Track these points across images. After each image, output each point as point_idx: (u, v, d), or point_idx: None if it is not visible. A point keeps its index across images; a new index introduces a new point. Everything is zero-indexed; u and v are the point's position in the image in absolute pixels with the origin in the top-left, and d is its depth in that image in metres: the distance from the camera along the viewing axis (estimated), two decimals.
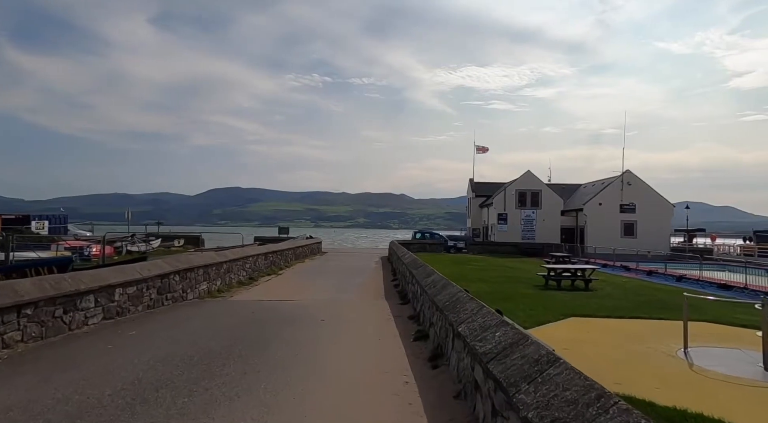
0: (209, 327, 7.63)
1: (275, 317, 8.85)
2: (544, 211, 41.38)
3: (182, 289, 10.97)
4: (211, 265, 12.82)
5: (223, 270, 13.94)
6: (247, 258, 16.45)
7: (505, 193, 41.73)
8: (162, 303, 9.90)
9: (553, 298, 13.09)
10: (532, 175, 42.31)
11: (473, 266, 24.55)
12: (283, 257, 22.75)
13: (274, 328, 7.65)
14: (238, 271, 15.46)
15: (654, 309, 11.36)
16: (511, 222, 41.35)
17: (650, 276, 21.96)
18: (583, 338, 8.19)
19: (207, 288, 12.56)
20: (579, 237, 40.90)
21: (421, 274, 9.56)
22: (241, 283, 15.26)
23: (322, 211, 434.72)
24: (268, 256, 19.68)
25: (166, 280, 10.11)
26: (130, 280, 8.54)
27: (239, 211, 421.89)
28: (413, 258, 13.47)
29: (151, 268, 9.55)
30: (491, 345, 3.55)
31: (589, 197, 40.64)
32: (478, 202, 48.69)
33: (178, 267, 10.63)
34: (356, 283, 16.16)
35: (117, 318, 8.14)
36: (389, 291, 14.41)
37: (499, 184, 48.78)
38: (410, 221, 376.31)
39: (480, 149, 55.95)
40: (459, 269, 22.11)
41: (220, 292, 13.17)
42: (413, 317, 8.89)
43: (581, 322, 9.65)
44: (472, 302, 5.17)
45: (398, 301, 11.80)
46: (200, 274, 12.10)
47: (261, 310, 9.71)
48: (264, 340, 6.70)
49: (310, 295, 13.09)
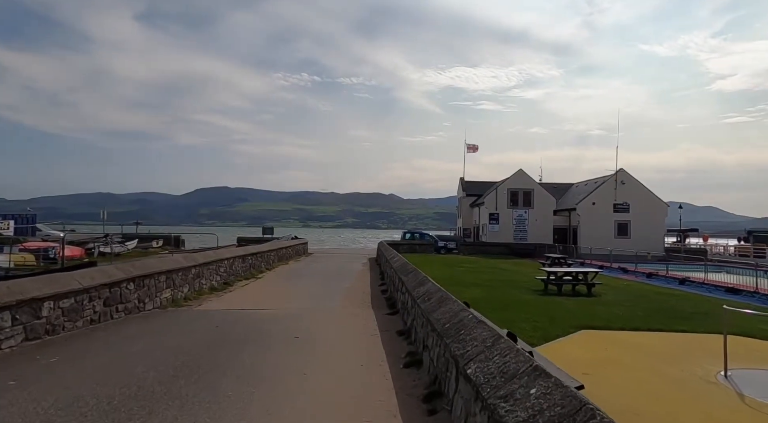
0: (156, 349, 6.26)
1: (241, 333, 7.51)
2: (536, 210, 40.44)
3: (138, 299, 9.56)
4: (176, 270, 11.41)
5: (192, 275, 12.53)
6: (221, 261, 15.03)
7: (496, 193, 40.71)
8: (110, 316, 8.49)
9: (556, 305, 11.93)
10: (525, 173, 41.35)
11: (465, 268, 23.39)
12: (264, 259, 21.33)
13: (235, 350, 6.32)
14: (211, 275, 14.05)
15: (669, 318, 10.24)
16: (503, 222, 40.34)
17: (651, 278, 21.01)
18: (602, 358, 6.99)
19: (171, 296, 11.15)
20: (572, 237, 40.03)
21: (411, 282, 8.29)
22: (213, 289, 13.85)
23: (311, 211, 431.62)
24: (247, 259, 18.26)
25: (117, 289, 8.70)
26: (64, 291, 7.13)
27: (227, 211, 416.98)
28: (403, 262, 12.21)
29: (96, 276, 8.13)
30: (525, 412, 2.27)
31: (582, 197, 39.79)
32: (468, 201, 47.62)
33: (132, 274, 9.22)
34: (341, 288, 14.85)
35: (46, 338, 6.73)
36: (376, 297, 13.13)
37: (490, 183, 47.79)
38: (399, 221, 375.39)
39: (470, 148, 54.98)
40: (450, 271, 20.92)
41: (186, 301, 11.76)
42: (403, 333, 7.61)
43: (595, 336, 8.47)
44: (482, 328, 3.90)
45: (386, 311, 10.53)
46: (162, 280, 10.69)
47: (226, 323, 8.36)
48: (218, 370, 5.37)
49: (288, 302, 11.75)
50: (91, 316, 7.90)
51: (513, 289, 15.42)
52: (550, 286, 15.22)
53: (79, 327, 7.54)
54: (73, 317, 7.42)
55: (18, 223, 27.75)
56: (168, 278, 11.00)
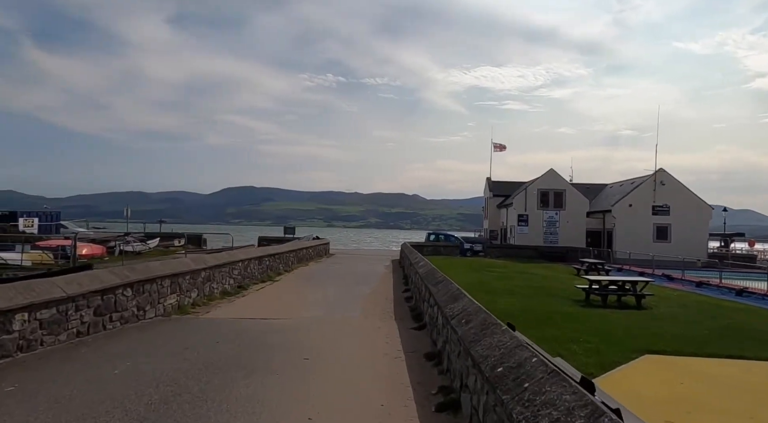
0: (137, 374, 5.25)
1: (243, 352, 6.46)
2: (567, 212, 38.42)
3: (137, 307, 8.65)
4: (182, 273, 10.49)
5: (202, 279, 11.62)
6: (235, 263, 14.12)
7: (525, 193, 38.90)
8: (103, 327, 7.58)
9: (605, 320, 10.48)
10: (556, 173, 39.38)
11: (494, 273, 21.93)
12: (283, 260, 20.43)
13: (230, 378, 5.24)
14: (223, 279, 13.15)
15: (745, 340, 8.69)
16: (532, 223, 38.49)
17: (701, 288, 19.11)
18: (681, 396, 5.62)
19: (177, 302, 10.24)
20: (606, 241, 37.88)
21: (442, 295, 7.06)
22: (225, 293, 12.94)
23: (335, 211, 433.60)
24: (263, 260, 17.35)
25: (110, 296, 7.78)
26: (43, 300, 6.22)
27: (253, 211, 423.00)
28: (430, 268, 10.98)
29: (85, 282, 7.22)
30: None
31: (618, 198, 37.57)
32: (495, 202, 45.86)
33: (129, 278, 8.31)
34: (361, 295, 13.74)
35: (17, 355, 5.82)
36: (400, 305, 11.95)
37: (518, 183, 45.94)
38: (422, 222, 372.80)
39: (497, 147, 53.15)
40: (478, 277, 19.54)
41: (194, 307, 10.85)
42: (432, 356, 6.41)
43: (662, 363, 7.07)
44: (560, 384, 2.66)
45: (411, 324, 9.34)
46: (166, 285, 9.78)
47: (229, 338, 7.33)
48: (202, 408, 4.29)
49: (303, 310, 10.70)
50: (77, 327, 6.99)
51: (550, 298, 13.98)
52: (592, 296, 13.72)
53: (63, 341, 6.63)
54: (55, 330, 6.51)
55: (42, 221, 27.78)
56: (173, 282, 10.09)
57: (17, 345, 5.85)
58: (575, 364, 5.77)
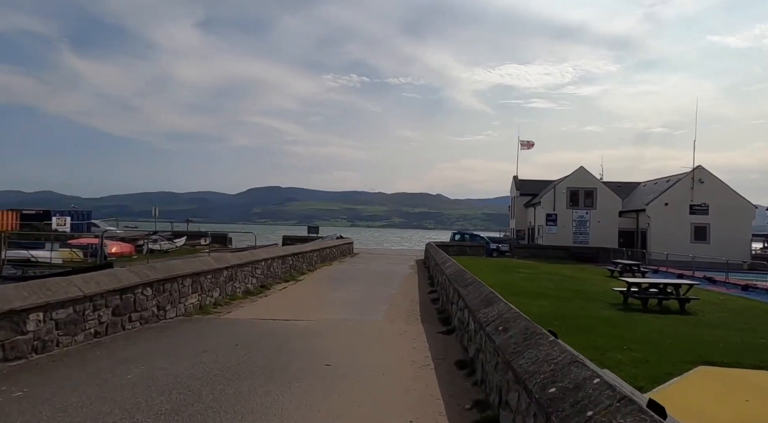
0: (150, 380, 4.96)
1: (262, 356, 6.12)
2: (599, 211, 37.04)
3: (158, 306, 8.46)
4: (204, 272, 10.30)
5: (224, 278, 11.43)
6: (257, 262, 13.92)
7: (554, 192, 37.71)
8: (122, 327, 7.39)
9: (648, 326, 9.75)
10: (586, 171, 38.04)
11: (523, 274, 21.17)
12: (306, 260, 20.22)
13: (246, 386, 4.90)
14: (246, 278, 12.95)
15: None
16: (561, 223, 37.28)
17: (748, 291, 17.90)
18: (752, 415, 4.97)
19: (198, 302, 10.04)
20: (640, 241, 36.35)
21: (473, 298, 6.56)
22: (248, 293, 12.73)
23: (359, 211, 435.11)
24: (287, 260, 17.14)
25: (129, 295, 7.59)
26: (59, 300, 6.03)
27: (278, 210, 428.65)
28: (457, 269, 10.46)
29: (104, 281, 7.03)
30: None
31: (653, 197, 35.97)
32: (522, 201, 44.75)
33: (149, 277, 8.11)
34: (386, 296, 13.32)
35: (31, 357, 5.63)
36: (426, 307, 11.47)
37: (546, 181, 44.66)
38: (446, 221, 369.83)
39: (525, 144, 51.93)
40: (507, 278, 18.84)
41: (216, 307, 10.65)
42: (464, 365, 5.92)
43: (720, 376, 6.38)
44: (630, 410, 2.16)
45: (439, 327, 8.85)
46: (187, 284, 9.58)
47: (249, 340, 7.02)
48: (213, 421, 3.94)
49: (326, 311, 10.35)
50: (95, 327, 6.80)
51: (586, 301, 13.23)
52: (630, 299, 12.91)
53: (80, 342, 6.44)
54: (72, 330, 6.33)
55: (74, 220, 28.47)
56: (194, 282, 9.90)
57: (32, 346, 5.67)
58: (623, 376, 5.20)
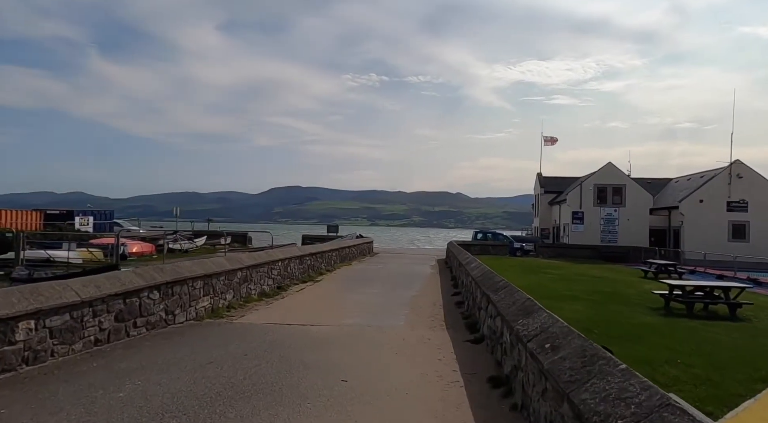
0: (142, 400, 4.40)
1: (272, 370, 5.53)
2: (628, 209, 35.50)
3: (166, 310, 7.98)
4: (216, 274, 9.81)
5: (237, 279, 10.93)
6: (273, 263, 13.42)
7: (581, 188, 36.32)
8: (126, 333, 6.91)
9: (698, 335, 8.81)
10: (614, 167, 36.52)
11: (551, 275, 20.18)
12: (325, 260, 19.69)
13: (251, 408, 4.29)
14: (261, 279, 12.45)
15: None
16: (588, 221, 35.87)
17: None
18: None
19: (210, 305, 9.56)
20: (672, 240, 34.69)
21: (507, 305, 5.83)
22: (263, 295, 12.24)
23: (378, 210, 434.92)
24: (304, 260, 16.63)
25: (135, 299, 7.11)
26: (52, 306, 5.55)
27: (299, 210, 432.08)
28: (485, 270, 9.69)
29: (105, 284, 6.55)
30: None
31: (686, 193, 34.26)
32: (547, 198, 43.42)
33: (155, 280, 7.63)
34: (407, 298, 12.65)
35: (20, 369, 5.15)
36: (451, 312, 10.75)
37: (571, 178, 43.20)
38: (466, 220, 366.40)
39: (548, 141, 50.51)
40: (535, 279, 17.91)
41: (229, 310, 10.16)
42: (499, 383, 5.20)
43: None
44: None
45: (465, 335, 8.14)
46: (198, 287, 9.10)
47: (259, 351, 6.45)
48: None
49: (344, 316, 9.74)
50: (95, 335, 6.32)
51: (623, 305, 12.28)
52: (672, 303, 11.91)
53: (78, 351, 5.97)
54: (68, 339, 5.85)
55: (97, 220, 28.72)
56: (206, 284, 9.41)
57: (22, 357, 5.20)
58: (685, 398, 4.40)
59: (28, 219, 26.39)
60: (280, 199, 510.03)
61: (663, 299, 12.09)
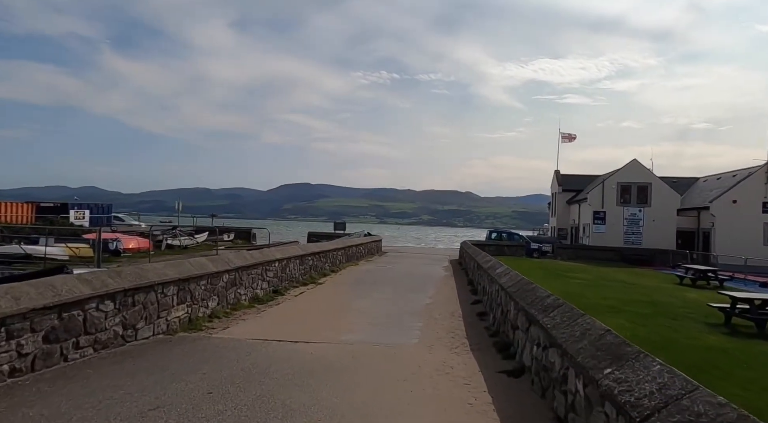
0: None
1: (241, 416, 3.92)
2: (654, 209, 33.39)
3: (123, 325, 6.41)
4: (195, 278, 8.24)
5: (224, 283, 9.37)
6: (269, 263, 11.85)
7: (603, 187, 34.27)
8: (63, 357, 5.35)
9: None
10: (639, 164, 34.41)
11: (578, 279, 18.37)
12: (329, 259, 18.12)
13: None
14: (254, 282, 10.89)
15: None
16: (611, 222, 33.83)
17: None
18: None
19: (187, 315, 7.99)
20: (701, 242, 32.55)
21: (571, 337, 4.14)
22: (256, 300, 10.67)
23: (387, 208, 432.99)
24: (306, 260, 15.06)
25: (76, 313, 5.55)
26: None
27: (308, 207, 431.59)
28: (519, 280, 7.97)
29: (29, 296, 4.98)
30: None
31: (718, 193, 32.07)
32: (565, 197, 41.36)
33: (108, 287, 6.05)
34: (419, 306, 11.00)
35: None
36: (473, 326, 9.09)
37: (590, 176, 41.09)
38: (476, 219, 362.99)
39: (566, 137, 48.44)
40: (561, 285, 16.11)
41: (212, 319, 8.60)
42: None
43: None
44: None
45: (497, 360, 6.47)
46: (170, 293, 7.53)
47: (230, 384, 4.85)
48: None
49: (345, 329, 8.13)
50: (11, 363, 4.76)
51: (673, 320, 10.49)
52: (733, 318, 10.10)
53: None
54: None
55: (94, 213, 27.45)
56: (182, 290, 7.85)
57: None
58: None
59: (19, 211, 25.17)
60: (290, 196, 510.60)
61: (723, 314, 10.29)
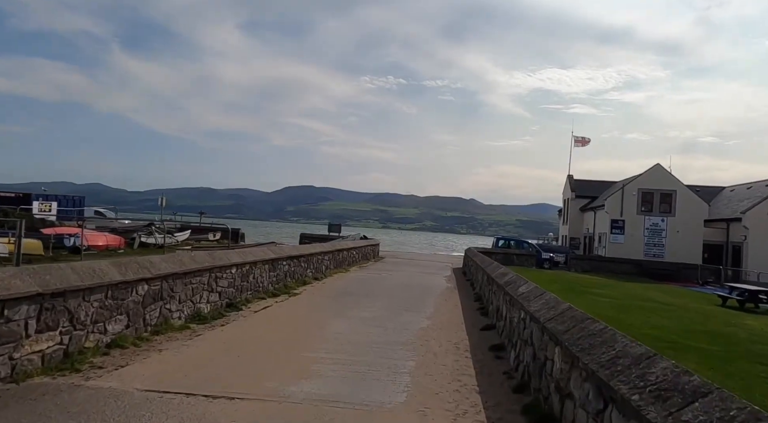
0: None
1: None
2: (678, 219, 30.56)
3: None
4: (76, 291, 5.56)
5: (137, 297, 6.70)
6: (221, 269, 9.18)
7: (622, 193, 31.47)
8: None
9: None
10: (663, 169, 31.63)
11: (604, 298, 15.56)
12: (312, 265, 15.43)
13: None
14: (195, 295, 8.21)
15: None
16: (630, 231, 31.02)
17: None
18: None
19: (60, 347, 5.34)
20: (730, 256, 29.67)
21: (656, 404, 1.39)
22: (197, 318, 8.01)
23: (390, 213, 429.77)
24: (279, 265, 12.38)
25: None
26: None
27: (311, 209, 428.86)
28: (561, 305, 5.22)
29: None
30: None
31: (750, 203, 29.24)
32: (578, 204, 38.57)
33: None
34: (413, 331, 8.31)
35: None
36: (486, 367, 6.40)
37: (607, 182, 38.34)
38: (479, 227, 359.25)
39: (579, 141, 45.75)
40: (586, 304, 13.30)
41: (109, 350, 5.95)
42: None
43: None
44: None
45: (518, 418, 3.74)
46: (22, 317, 4.86)
47: None
48: None
49: (304, 369, 5.46)
50: None
51: (760, 365, 7.71)
52: None
53: None
54: None
55: (62, 205, 24.83)
56: (49, 310, 5.17)
57: None
58: None
59: None
60: (294, 198, 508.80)
61: None
